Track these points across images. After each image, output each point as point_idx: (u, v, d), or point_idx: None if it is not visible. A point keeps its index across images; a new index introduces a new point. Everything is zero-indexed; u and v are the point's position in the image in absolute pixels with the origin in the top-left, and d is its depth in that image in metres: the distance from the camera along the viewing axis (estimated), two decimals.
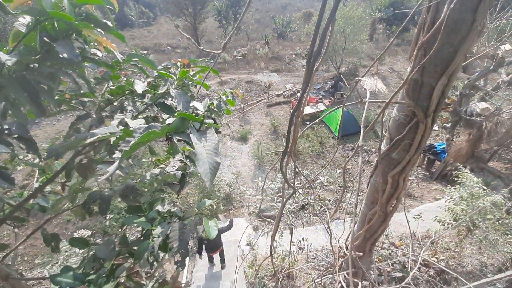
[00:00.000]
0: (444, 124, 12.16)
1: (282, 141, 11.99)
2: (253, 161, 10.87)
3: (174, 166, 2.13)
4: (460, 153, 8.93)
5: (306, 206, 7.79)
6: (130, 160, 2.23)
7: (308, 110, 13.55)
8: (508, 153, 10.63)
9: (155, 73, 1.80)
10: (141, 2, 39.72)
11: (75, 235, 5.82)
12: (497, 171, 9.31)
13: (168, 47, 25.18)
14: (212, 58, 22.53)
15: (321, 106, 14.16)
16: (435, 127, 12.92)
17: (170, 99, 1.74)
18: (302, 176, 5.98)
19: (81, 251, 4.71)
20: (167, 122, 1.15)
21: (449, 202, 5.66)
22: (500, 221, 4.92)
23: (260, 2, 42.87)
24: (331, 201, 8.50)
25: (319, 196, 8.46)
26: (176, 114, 1.11)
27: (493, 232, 4.71)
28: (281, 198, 5.49)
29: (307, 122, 13.52)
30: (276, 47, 23.74)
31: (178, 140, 1.08)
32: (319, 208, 6.25)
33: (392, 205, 1.15)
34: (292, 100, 14.75)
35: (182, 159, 2.21)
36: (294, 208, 4.98)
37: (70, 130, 1.81)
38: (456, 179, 5.89)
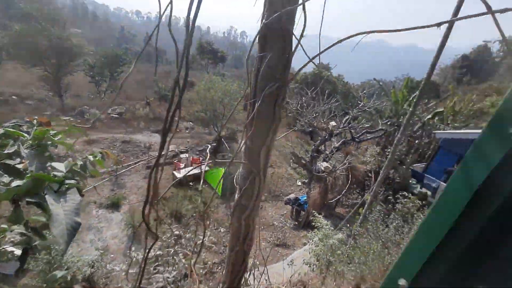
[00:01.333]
0: (304, 180, 15.02)
1: (162, 205, 11.21)
2: (126, 231, 9.45)
3: (12, 240, 1.69)
4: (316, 202, 11.09)
5: (190, 273, 7.22)
6: None
7: (192, 170, 13.64)
8: (347, 200, 14.00)
9: (1, 131, 1.55)
10: None
11: None
12: (341, 214, 12.04)
13: (14, 97, 20.54)
14: (79, 114, 19.96)
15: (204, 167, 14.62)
16: (299, 183, 15.77)
17: (18, 159, 1.51)
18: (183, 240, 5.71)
19: None
20: (14, 184, 1.01)
21: (311, 245, 6.73)
22: (345, 255, 6.21)
23: (143, 65, 43.47)
24: (216, 264, 8.28)
25: (203, 260, 8.11)
26: (28, 175, 1.02)
27: (341, 265, 5.85)
28: (159, 268, 4.94)
29: (191, 183, 13.46)
30: (158, 108, 23.84)
31: (28, 203, 0.95)
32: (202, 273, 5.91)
33: (248, 245, 1.40)
34: (175, 161, 14.58)
35: (24, 231, 1.78)
36: (174, 277, 4.48)
37: None
38: (314, 224, 7.21)
